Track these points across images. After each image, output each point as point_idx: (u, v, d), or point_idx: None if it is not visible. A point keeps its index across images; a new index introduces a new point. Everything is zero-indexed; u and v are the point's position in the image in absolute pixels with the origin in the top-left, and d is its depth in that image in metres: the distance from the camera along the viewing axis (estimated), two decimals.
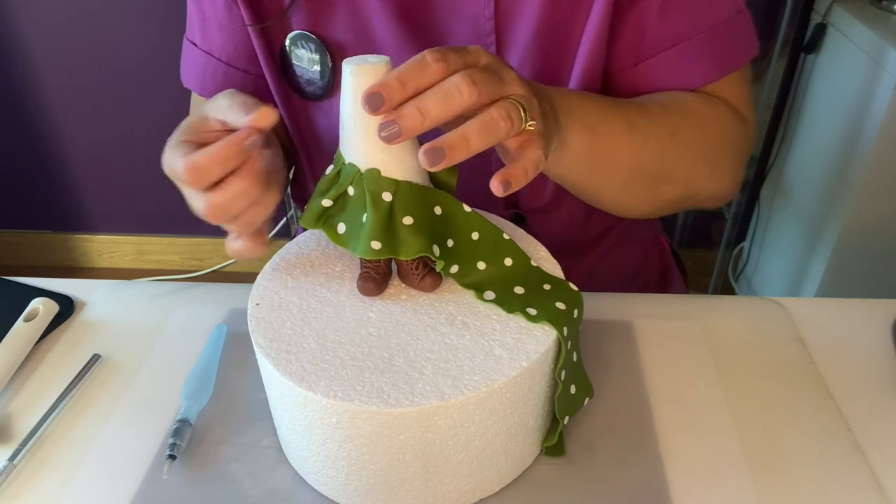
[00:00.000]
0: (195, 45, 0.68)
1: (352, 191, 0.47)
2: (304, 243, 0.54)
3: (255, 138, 0.44)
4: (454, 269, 0.49)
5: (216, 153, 0.44)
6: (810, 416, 0.53)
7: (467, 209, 0.48)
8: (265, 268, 0.52)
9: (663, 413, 0.53)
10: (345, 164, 0.46)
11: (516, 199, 0.68)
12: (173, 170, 0.45)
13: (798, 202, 1.53)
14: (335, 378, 0.43)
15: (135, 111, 1.78)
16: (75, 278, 0.70)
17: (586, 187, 0.57)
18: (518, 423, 0.45)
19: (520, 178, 0.42)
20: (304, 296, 0.49)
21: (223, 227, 0.48)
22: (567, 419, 0.49)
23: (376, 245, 0.46)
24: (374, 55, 0.43)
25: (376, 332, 0.46)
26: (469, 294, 0.48)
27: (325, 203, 0.48)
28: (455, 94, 0.40)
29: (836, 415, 0.53)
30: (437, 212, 0.47)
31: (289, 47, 0.63)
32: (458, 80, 0.40)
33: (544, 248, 0.53)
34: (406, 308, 0.48)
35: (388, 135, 0.41)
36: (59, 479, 0.49)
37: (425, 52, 0.41)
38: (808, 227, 1.48)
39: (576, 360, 0.49)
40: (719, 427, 0.52)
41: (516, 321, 0.46)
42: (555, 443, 0.49)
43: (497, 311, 0.47)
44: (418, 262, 0.48)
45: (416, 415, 0.41)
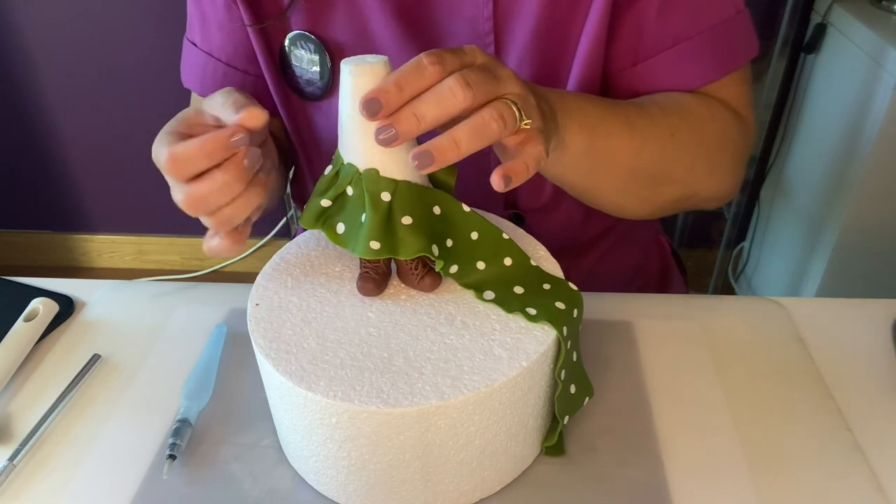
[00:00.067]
0: (195, 45, 0.68)
1: (350, 191, 0.47)
2: (304, 243, 0.54)
3: (241, 136, 0.43)
4: (454, 268, 0.49)
5: (200, 146, 0.43)
6: (810, 416, 0.53)
7: (466, 209, 0.48)
8: (265, 268, 0.52)
9: (663, 413, 0.53)
10: (343, 164, 0.46)
11: (515, 198, 0.68)
12: (158, 158, 0.45)
13: (798, 202, 1.53)
14: (335, 378, 0.43)
15: (135, 111, 1.78)
16: (75, 278, 0.70)
17: (585, 188, 0.57)
18: (518, 423, 0.45)
19: (521, 173, 0.42)
20: (303, 296, 0.49)
21: (202, 222, 0.47)
22: (567, 419, 0.49)
23: (375, 245, 0.45)
24: (372, 55, 0.43)
25: (376, 333, 0.46)
26: (469, 294, 0.48)
27: (324, 203, 0.48)
28: (450, 97, 0.40)
29: (836, 415, 0.53)
30: (436, 211, 0.47)
31: (288, 47, 0.63)
32: (452, 82, 0.40)
33: (544, 247, 0.53)
34: (406, 308, 0.48)
35: (385, 139, 0.41)
36: (59, 479, 0.49)
37: (421, 55, 0.41)
38: (808, 227, 1.48)
39: (575, 359, 0.49)
40: (719, 427, 0.52)
41: (516, 321, 0.46)
42: (555, 443, 0.49)
43: (497, 311, 0.47)
44: (417, 262, 0.48)
45: (416, 415, 0.41)
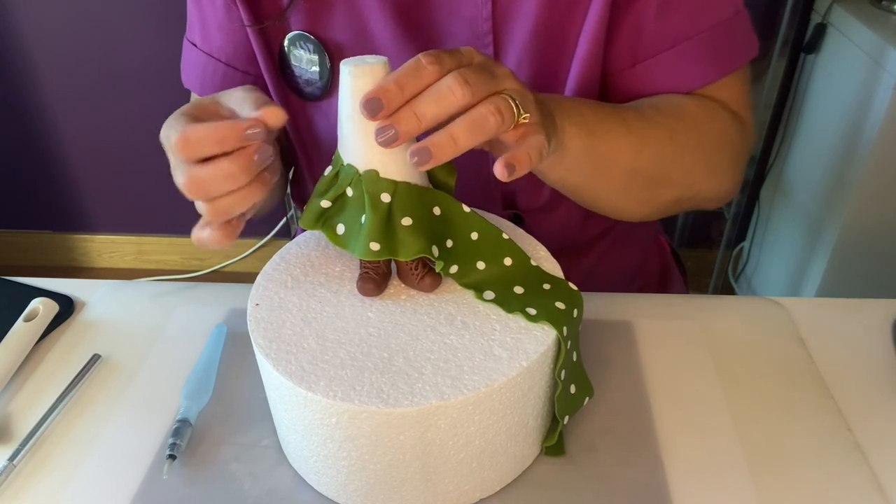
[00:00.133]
0: (195, 45, 0.68)
1: (350, 192, 0.47)
2: (304, 243, 0.54)
3: (258, 130, 0.43)
4: (454, 269, 0.49)
5: (215, 130, 0.43)
6: (810, 416, 0.53)
7: (467, 209, 0.48)
8: (265, 268, 0.52)
9: (663, 413, 0.53)
10: (343, 165, 0.46)
11: (514, 199, 0.68)
12: (168, 136, 0.45)
13: (798, 202, 1.53)
14: (335, 378, 0.43)
15: (135, 111, 1.78)
16: (75, 278, 0.70)
17: (585, 191, 0.57)
18: (518, 423, 0.45)
19: (524, 162, 0.42)
20: (303, 296, 0.49)
21: (197, 209, 0.47)
22: (567, 419, 0.49)
23: (375, 246, 0.45)
24: (372, 55, 0.43)
25: (376, 333, 0.46)
26: (469, 294, 0.48)
27: (324, 204, 0.48)
28: (448, 95, 0.40)
29: (836, 415, 0.53)
30: (436, 212, 0.47)
31: (287, 48, 0.63)
32: (450, 80, 0.40)
33: (544, 247, 0.53)
34: (406, 308, 0.48)
35: (385, 139, 0.41)
36: (59, 479, 0.49)
37: (419, 55, 0.41)
38: (808, 227, 1.48)
39: (575, 359, 0.49)
40: (719, 427, 0.52)
41: (516, 321, 0.46)
42: (555, 443, 0.49)
43: (497, 311, 0.47)
44: (418, 263, 0.48)
45: (416, 415, 0.41)
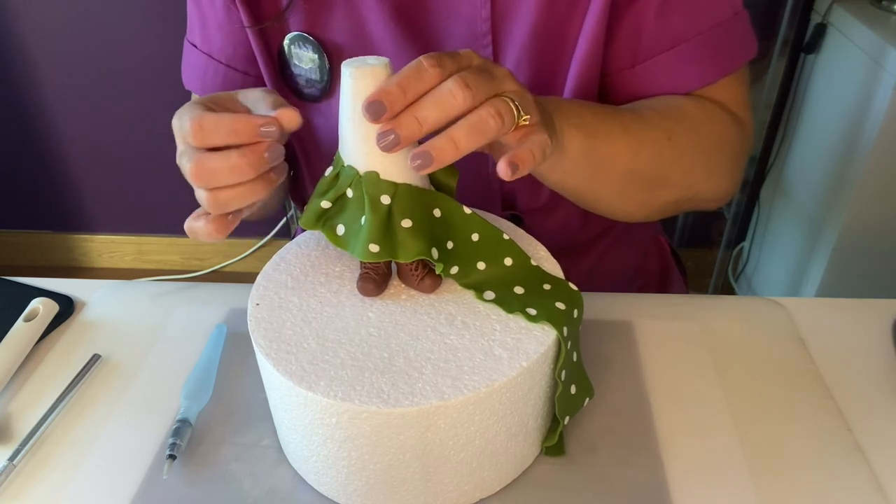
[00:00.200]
0: (195, 46, 0.68)
1: (350, 193, 0.47)
2: (304, 244, 0.54)
3: (273, 129, 0.44)
4: (454, 269, 0.49)
5: (231, 121, 0.44)
6: (810, 416, 0.53)
7: (467, 211, 0.48)
8: (265, 268, 0.52)
9: (663, 413, 0.53)
10: (344, 165, 0.46)
11: (514, 200, 0.68)
12: (181, 122, 0.45)
13: (798, 202, 1.53)
14: (335, 378, 0.43)
15: (135, 111, 1.78)
16: (75, 278, 0.70)
17: (584, 192, 0.57)
18: (518, 423, 0.45)
19: (527, 160, 0.42)
20: (304, 296, 0.49)
21: (197, 197, 0.47)
22: (567, 419, 0.49)
23: (374, 248, 0.45)
24: (373, 56, 0.43)
25: (376, 333, 0.46)
26: (469, 294, 0.48)
27: (325, 204, 0.48)
28: (450, 100, 0.40)
29: (836, 415, 0.53)
30: (437, 214, 0.47)
31: (287, 49, 0.63)
32: (451, 84, 0.40)
33: (544, 248, 0.53)
34: (406, 308, 0.48)
35: (386, 144, 0.41)
36: (59, 479, 0.49)
37: (421, 57, 0.41)
38: (808, 227, 1.48)
39: (576, 360, 0.49)
40: (719, 427, 0.52)
41: (516, 321, 0.46)
42: (555, 443, 0.49)
43: (497, 311, 0.47)
44: (418, 264, 0.48)
45: (416, 415, 0.41)
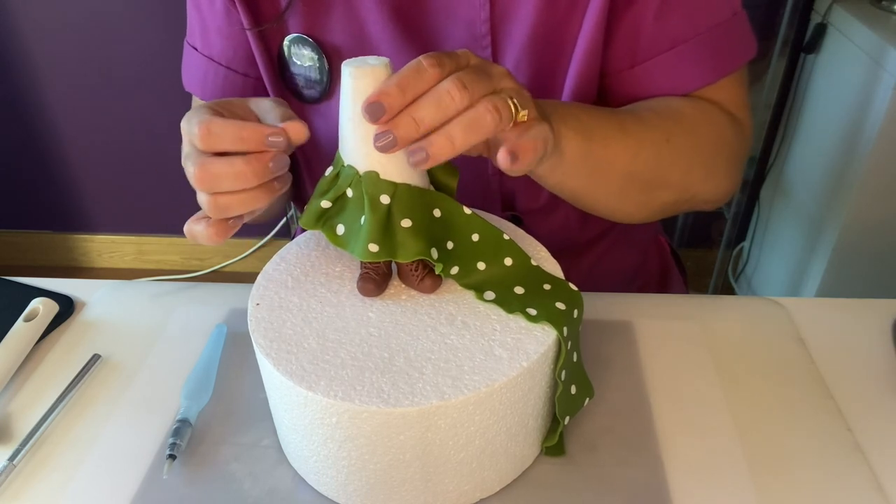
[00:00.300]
0: (195, 49, 0.68)
1: (350, 192, 0.47)
2: (305, 243, 0.54)
3: (280, 139, 0.44)
4: (454, 270, 0.49)
5: (239, 128, 0.44)
6: (810, 416, 0.53)
7: (468, 211, 0.48)
8: (265, 268, 0.52)
9: (663, 413, 0.53)
10: (344, 165, 0.46)
11: (513, 200, 0.68)
12: (190, 125, 0.46)
13: (798, 202, 1.53)
14: (335, 378, 0.43)
15: (135, 111, 1.78)
16: (75, 278, 0.70)
17: (583, 194, 0.57)
18: (518, 423, 0.45)
19: (528, 150, 0.42)
20: (304, 296, 0.49)
21: (198, 201, 0.47)
22: (567, 419, 0.49)
23: (374, 248, 0.45)
24: (373, 57, 0.43)
25: (376, 332, 0.46)
26: (469, 294, 0.48)
27: (325, 204, 0.48)
28: (447, 100, 0.40)
29: (836, 415, 0.53)
30: (437, 214, 0.47)
31: (286, 50, 0.63)
32: (448, 85, 0.41)
33: (544, 248, 0.53)
34: (406, 308, 0.48)
35: (384, 145, 0.41)
36: (59, 479, 0.49)
37: (420, 57, 0.42)
38: (808, 227, 1.48)
39: (576, 360, 0.49)
40: (719, 427, 0.52)
41: (516, 321, 0.46)
42: (555, 443, 0.49)
43: (497, 312, 0.47)
44: (418, 264, 0.48)
45: (417, 415, 0.41)
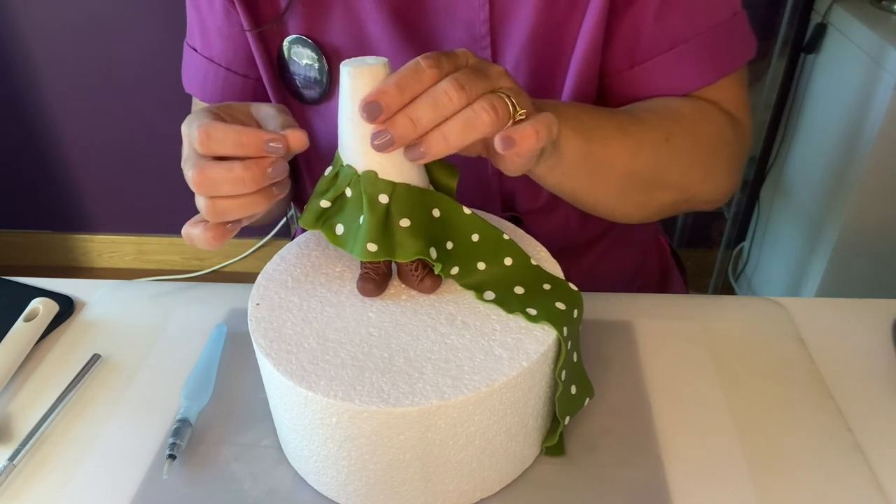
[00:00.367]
0: (195, 50, 0.68)
1: (349, 192, 0.47)
2: (305, 244, 0.54)
3: (280, 146, 0.44)
4: (454, 270, 0.49)
5: (239, 133, 0.44)
6: (810, 416, 0.53)
7: (467, 211, 0.48)
8: (266, 268, 0.52)
9: (663, 413, 0.53)
10: (343, 165, 0.46)
11: (513, 200, 0.68)
12: (190, 128, 0.46)
13: (798, 202, 1.53)
14: (335, 378, 0.43)
15: (135, 111, 1.78)
16: (75, 278, 0.70)
17: (582, 195, 0.57)
18: (518, 423, 0.45)
19: (528, 136, 0.42)
20: (304, 296, 0.49)
21: (196, 204, 0.47)
22: (568, 419, 0.49)
23: (372, 247, 0.46)
24: (372, 56, 0.44)
25: (376, 332, 0.46)
26: (469, 294, 0.48)
27: (324, 204, 0.48)
28: (444, 100, 0.41)
29: (836, 415, 0.53)
30: (436, 214, 0.47)
31: (286, 51, 0.63)
32: (446, 85, 0.41)
33: (544, 248, 0.53)
34: (406, 308, 0.48)
35: (381, 143, 0.41)
36: (59, 479, 0.49)
37: (419, 57, 0.42)
38: (808, 227, 1.48)
39: (576, 360, 0.49)
40: (719, 427, 0.52)
41: (516, 321, 0.46)
42: (555, 443, 0.49)
43: (497, 312, 0.47)
44: (417, 264, 0.48)
45: (417, 414, 0.41)
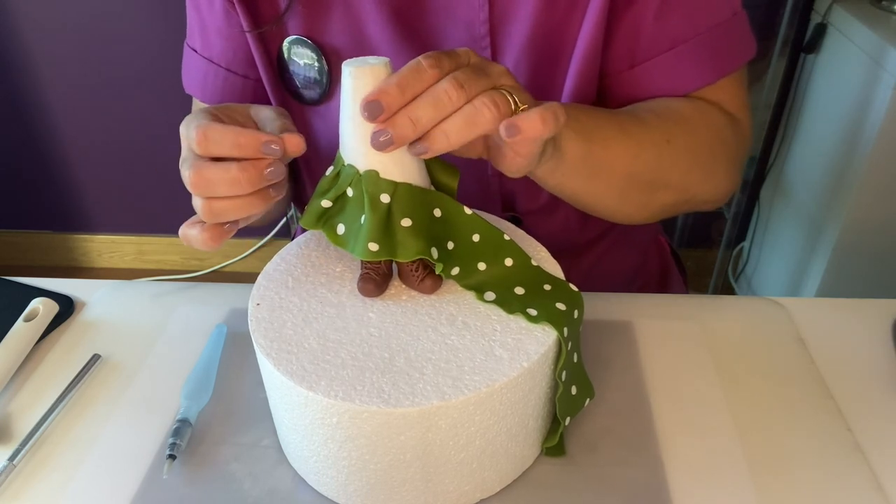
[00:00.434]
0: (195, 51, 0.68)
1: (350, 192, 0.47)
2: (305, 244, 0.54)
3: (277, 148, 0.44)
4: (455, 270, 0.49)
5: (236, 135, 0.44)
6: (810, 416, 0.53)
7: (468, 211, 0.48)
8: (266, 268, 0.52)
9: (663, 413, 0.53)
10: (344, 165, 0.46)
11: (513, 201, 0.68)
12: (188, 129, 0.46)
13: (798, 202, 1.53)
14: (336, 378, 0.43)
15: (135, 111, 1.78)
16: (75, 278, 0.70)
17: (583, 196, 0.57)
18: (518, 424, 0.45)
19: (534, 122, 0.41)
20: (304, 296, 0.49)
21: (193, 205, 0.47)
22: (568, 420, 0.49)
23: (374, 247, 0.46)
24: (373, 56, 0.44)
25: (377, 333, 0.46)
26: (469, 295, 0.48)
27: (325, 204, 0.48)
28: (444, 99, 0.41)
29: (836, 415, 0.53)
30: (437, 214, 0.47)
31: (286, 52, 0.63)
32: (446, 85, 0.41)
33: (544, 248, 0.53)
34: (407, 308, 0.48)
35: (381, 143, 0.41)
36: (59, 479, 0.49)
37: (420, 57, 0.42)
38: (808, 227, 1.48)
39: (576, 360, 0.49)
40: (719, 427, 0.52)
41: (517, 322, 0.46)
42: (555, 443, 0.49)
43: (497, 312, 0.47)
44: (418, 264, 0.48)
45: (417, 415, 0.41)
